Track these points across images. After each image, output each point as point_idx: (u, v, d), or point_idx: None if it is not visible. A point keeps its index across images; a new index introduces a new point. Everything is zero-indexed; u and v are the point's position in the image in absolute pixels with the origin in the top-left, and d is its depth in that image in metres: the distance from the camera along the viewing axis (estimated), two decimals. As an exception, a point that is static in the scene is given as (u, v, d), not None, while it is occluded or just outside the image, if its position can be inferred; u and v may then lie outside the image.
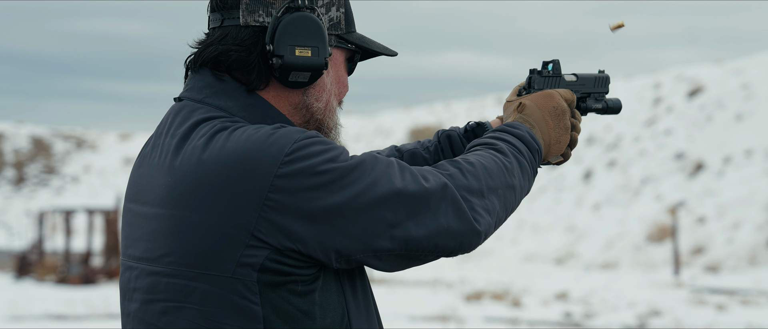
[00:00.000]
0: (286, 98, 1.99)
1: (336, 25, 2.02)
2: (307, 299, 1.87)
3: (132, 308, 1.95)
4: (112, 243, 24.25)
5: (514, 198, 2.06)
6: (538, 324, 15.10)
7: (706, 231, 26.64)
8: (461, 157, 2.03)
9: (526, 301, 17.87)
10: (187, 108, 1.97)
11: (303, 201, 1.82)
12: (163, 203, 1.90)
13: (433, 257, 1.95)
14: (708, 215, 27.60)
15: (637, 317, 15.55)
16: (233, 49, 1.95)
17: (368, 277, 2.04)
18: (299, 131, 1.86)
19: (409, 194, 1.88)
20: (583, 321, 15.31)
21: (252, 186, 1.82)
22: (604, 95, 2.42)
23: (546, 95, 2.23)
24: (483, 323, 15.12)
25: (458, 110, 52.94)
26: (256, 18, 1.95)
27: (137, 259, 1.95)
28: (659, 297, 18.16)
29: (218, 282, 1.84)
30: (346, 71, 2.08)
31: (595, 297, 18.48)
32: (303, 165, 1.83)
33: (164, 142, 1.95)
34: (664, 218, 28.01)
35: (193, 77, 2.01)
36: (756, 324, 14.41)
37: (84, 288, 21.87)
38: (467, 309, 16.87)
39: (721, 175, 30.26)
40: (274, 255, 1.83)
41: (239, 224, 1.82)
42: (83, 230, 35.69)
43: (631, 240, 28.06)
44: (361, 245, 1.86)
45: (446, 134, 2.37)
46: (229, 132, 1.87)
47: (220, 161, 1.84)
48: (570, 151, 2.26)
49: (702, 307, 16.70)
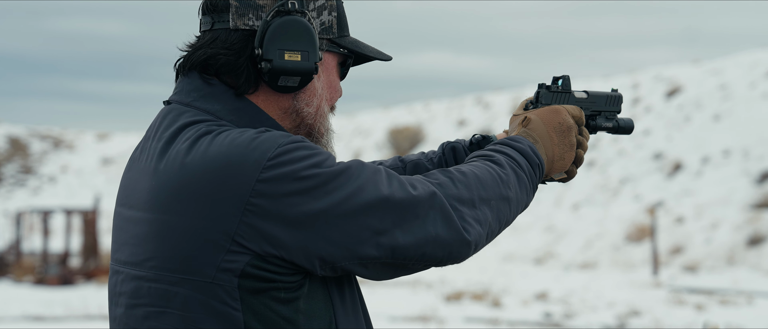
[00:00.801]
0: (276, 102, 1.97)
1: (328, 29, 2.00)
2: (291, 306, 1.84)
3: (118, 313, 1.94)
4: (90, 244, 24.12)
5: (509, 210, 2.04)
6: (518, 324, 15.11)
7: (684, 231, 26.74)
8: (454, 167, 2.00)
9: (506, 301, 17.89)
10: (174, 111, 1.95)
11: (285, 206, 1.80)
12: (146, 207, 1.88)
13: (422, 266, 1.92)
14: (686, 215, 27.71)
15: (617, 317, 15.59)
16: (222, 52, 1.93)
17: (358, 285, 2.01)
18: (284, 136, 1.84)
19: (395, 201, 1.85)
20: (563, 321, 15.34)
21: (234, 191, 1.80)
22: (616, 114, 2.39)
23: (552, 111, 2.20)
24: (463, 323, 15.13)
25: (437, 111, 52.97)
26: (246, 21, 1.93)
27: (123, 263, 1.93)
28: (638, 297, 18.22)
29: (199, 288, 1.82)
30: (338, 76, 2.06)
31: (575, 297, 18.52)
32: (286, 170, 1.80)
33: (151, 145, 1.93)
34: (643, 218, 28.11)
35: (182, 80, 1.99)
36: (735, 324, 14.47)
37: (62, 289, 21.74)
38: (447, 309, 16.88)
39: (700, 175, 30.39)
40: (255, 261, 1.81)
41: (220, 229, 1.80)
42: (61, 231, 35.51)
43: (610, 240, 28.15)
44: (345, 253, 1.84)
45: (451, 146, 2.35)
46: (213, 136, 1.85)
47: (203, 165, 1.82)
48: (575, 168, 2.22)
49: (681, 307, 16.77)
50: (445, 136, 46.07)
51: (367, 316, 2.02)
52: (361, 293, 2.01)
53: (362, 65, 2.12)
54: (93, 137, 68.58)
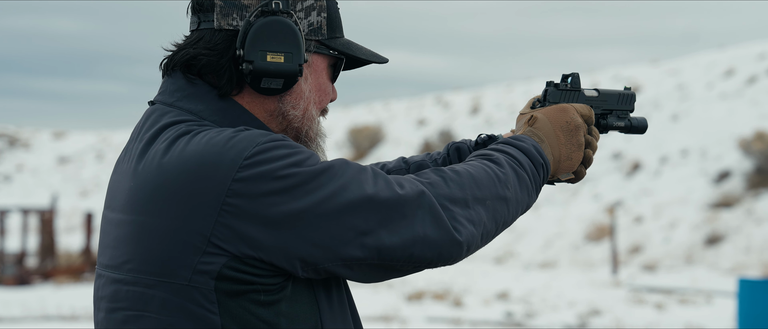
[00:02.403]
0: (261, 104, 1.93)
1: (316, 30, 1.94)
2: (272, 309, 1.80)
3: (99, 317, 1.92)
4: (47, 244, 23.87)
5: (507, 211, 1.97)
6: (480, 324, 15.14)
7: (643, 231, 26.94)
8: (449, 166, 1.95)
9: (467, 301, 17.91)
10: (157, 112, 1.92)
11: (263, 206, 1.75)
12: (125, 208, 1.85)
13: (412, 268, 1.86)
14: (645, 215, 27.91)
15: (578, 316, 15.67)
16: (204, 53, 1.89)
17: (347, 287, 1.96)
18: (263, 135, 1.80)
19: (380, 200, 1.81)
20: (524, 321, 15.39)
21: (209, 190, 1.76)
22: (629, 113, 2.31)
23: (559, 109, 2.14)
24: (425, 323, 15.12)
25: (397, 110, 52.97)
26: (230, 21, 1.89)
27: (105, 267, 1.90)
28: (598, 296, 18.31)
29: (175, 290, 1.79)
30: (329, 79, 2.00)
31: (536, 297, 18.58)
32: (263, 169, 1.76)
33: (134, 146, 1.90)
34: (602, 218, 28.27)
35: (166, 81, 1.96)
36: (695, 323, 14.58)
37: (19, 289, 21.49)
38: (409, 309, 16.87)
39: (658, 175, 30.63)
40: (233, 263, 1.77)
41: (196, 230, 1.76)
42: (17, 231, 35.11)
43: (570, 240, 28.29)
44: (328, 254, 1.79)
45: (456, 146, 2.28)
46: (191, 136, 1.82)
47: (179, 166, 1.79)
48: (584, 169, 2.15)
49: (641, 306, 16.88)
50: (405, 135, 46.11)
51: (357, 319, 1.96)
52: (350, 295, 1.96)
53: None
54: (49, 136, 67.90)
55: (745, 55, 39.21)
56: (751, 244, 23.89)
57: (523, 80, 51.29)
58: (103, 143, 64.43)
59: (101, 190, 53.47)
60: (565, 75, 2.23)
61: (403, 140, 45.39)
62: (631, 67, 44.61)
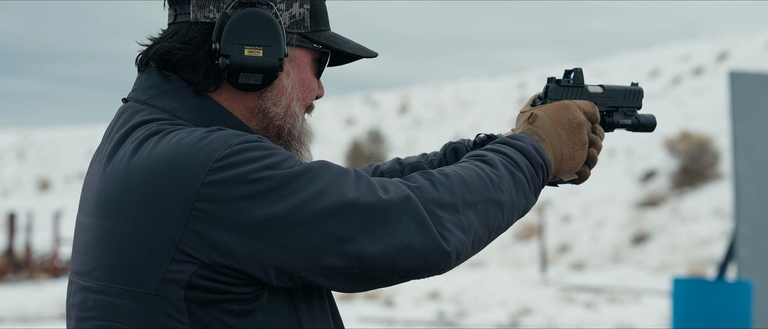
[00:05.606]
0: (241, 101, 1.82)
1: (299, 22, 1.83)
2: (246, 319, 1.70)
3: (70, 326, 1.81)
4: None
5: (501, 215, 1.85)
6: (413, 323, 15.11)
7: (571, 230, 27.19)
8: (438, 169, 1.83)
9: (398, 301, 17.87)
10: (130, 110, 1.81)
11: (234, 212, 1.65)
12: (93, 212, 1.75)
13: (397, 277, 1.74)
14: (573, 214, 28.18)
15: (510, 315, 15.72)
16: (179, 47, 1.79)
17: (330, 295, 1.85)
18: (237, 135, 1.69)
19: (362, 205, 1.70)
20: (457, 320, 15.39)
21: (177, 195, 1.66)
22: (636, 110, 2.21)
23: (561, 107, 2.02)
24: (358, 323, 15.04)
25: (325, 109, 52.82)
26: (207, 14, 1.78)
27: (75, 273, 1.80)
28: (528, 295, 18.41)
29: (143, 300, 1.68)
30: (313, 74, 1.89)
31: (467, 296, 18.62)
32: (235, 172, 1.65)
33: (105, 147, 1.80)
34: (531, 217, 28.47)
35: (140, 77, 1.85)
36: (625, 322, 14.72)
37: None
38: (341, 308, 16.78)
39: (585, 174, 30.98)
40: (203, 271, 1.66)
41: (163, 236, 1.66)
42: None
43: (499, 238, 28.44)
44: (305, 262, 1.68)
45: (453, 146, 2.16)
46: (161, 136, 1.71)
47: (146, 168, 1.68)
48: (588, 169, 2.04)
49: (571, 305, 16.99)
50: (334, 134, 45.98)
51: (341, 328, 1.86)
52: (334, 302, 1.85)
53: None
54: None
55: (670, 56, 39.83)
56: (677, 243, 24.23)
57: (451, 80, 51.50)
58: (24, 141, 63.26)
59: (23, 190, 52.49)
60: (567, 70, 2.13)
61: (332, 139, 45.29)
62: (558, 66, 45.01)
